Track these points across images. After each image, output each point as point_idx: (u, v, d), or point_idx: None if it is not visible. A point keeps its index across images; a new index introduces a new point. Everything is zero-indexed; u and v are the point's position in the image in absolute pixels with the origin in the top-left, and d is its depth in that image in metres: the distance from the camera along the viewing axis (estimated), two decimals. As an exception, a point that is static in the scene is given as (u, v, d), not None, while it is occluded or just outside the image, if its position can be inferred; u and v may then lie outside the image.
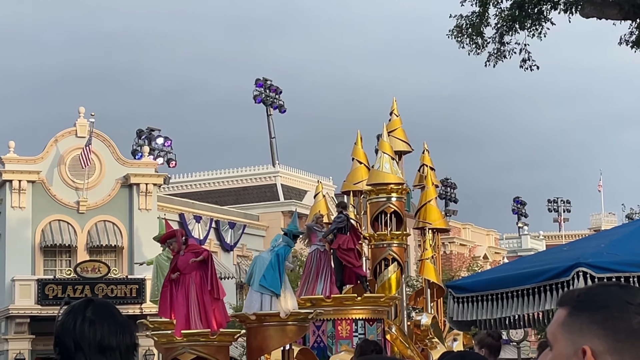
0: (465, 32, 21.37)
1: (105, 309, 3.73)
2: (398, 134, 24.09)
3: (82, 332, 3.59)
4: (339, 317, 20.30)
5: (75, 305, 3.75)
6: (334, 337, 20.26)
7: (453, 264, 65.34)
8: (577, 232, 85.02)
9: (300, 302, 19.76)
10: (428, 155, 24.89)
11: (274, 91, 58.61)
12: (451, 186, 74.56)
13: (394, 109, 24.40)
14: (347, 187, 23.74)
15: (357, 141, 23.66)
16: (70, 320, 3.65)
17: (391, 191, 22.22)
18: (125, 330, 3.68)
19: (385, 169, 22.27)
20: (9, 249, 41.47)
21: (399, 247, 22.26)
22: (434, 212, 23.93)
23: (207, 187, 58.80)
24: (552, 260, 9.45)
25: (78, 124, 43.55)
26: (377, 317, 20.66)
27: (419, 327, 21.66)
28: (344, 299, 20.39)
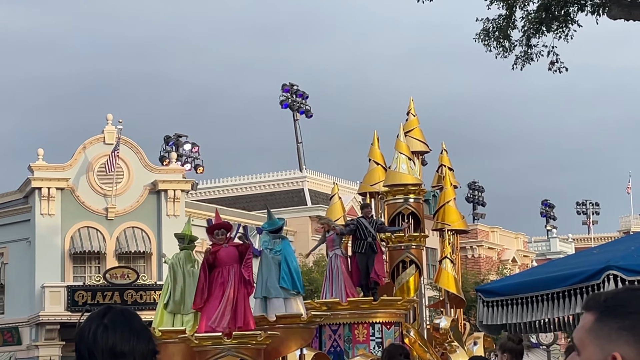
0: (492, 36, 21.32)
1: (122, 316, 3.74)
2: (415, 134, 23.76)
3: (95, 339, 3.62)
4: (356, 321, 19.97)
5: (94, 313, 3.78)
6: (350, 341, 19.91)
7: (482, 267, 65.14)
8: (606, 235, 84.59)
9: (315, 306, 19.71)
10: (446, 156, 24.47)
11: (301, 96, 58.70)
12: (479, 190, 74.36)
13: (411, 109, 24.11)
14: (364, 189, 23.48)
15: (374, 142, 23.30)
16: (86, 328, 3.68)
17: (408, 192, 21.92)
18: (140, 337, 3.68)
19: (402, 169, 21.99)
20: (39, 256, 41.72)
21: (417, 249, 21.98)
22: (453, 213, 23.35)
23: (235, 192, 58.92)
24: (581, 263, 9.40)
25: (106, 130, 43.76)
26: (394, 320, 20.32)
27: (438, 331, 21.34)
28: (360, 302, 20.04)
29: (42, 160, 42.87)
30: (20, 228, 42.88)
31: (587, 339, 2.43)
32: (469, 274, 55.43)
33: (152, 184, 43.65)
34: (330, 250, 20.56)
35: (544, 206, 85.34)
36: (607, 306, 2.42)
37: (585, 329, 2.44)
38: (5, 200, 44.75)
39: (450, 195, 23.23)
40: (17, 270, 42.64)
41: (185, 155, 52.33)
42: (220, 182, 60.39)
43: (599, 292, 2.56)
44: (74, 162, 43.09)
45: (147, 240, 43.00)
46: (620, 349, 2.32)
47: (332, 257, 20.48)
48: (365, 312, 19.93)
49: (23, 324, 42.47)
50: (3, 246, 43.74)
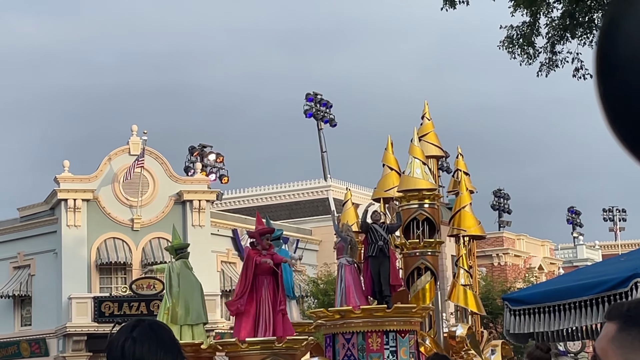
0: (517, 43, 21.22)
1: (149, 328, 3.78)
2: (430, 139, 23.18)
3: (122, 351, 3.66)
4: (369, 330, 19.40)
5: (124, 326, 3.81)
6: (364, 350, 19.38)
7: (508, 275, 64.88)
8: (634, 242, 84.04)
9: (328, 314, 19.49)
10: (462, 160, 23.74)
11: (325, 105, 58.73)
12: (504, 197, 74.14)
13: (426, 113, 23.56)
14: (378, 194, 22.81)
15: (388, 147, 22.72)
16: (116, 340, 3.72)
17: (423, 197, 21.41)
18: (168, 350, 3.72)
19: (416, 174, 21.44)
20: (65, 268, 41.89)
21: (432, 256, 21.46)
22: (469, 219, 22.71)
23: (260, 202, 58.96)
24: (609, 271, 9.33)
25: (131, 142, 43.93)
26: (409, 328, 19.76)
27: (454, 339, 20.78)
28: (374, 310, 19.47)
29: (68, 171, 43.07)
30: (47, 240, 43.10)
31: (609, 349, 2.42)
32: (495, 282, 55.24)
33: (177, 195, 43.77)
34: (337, 259, 20.34)
35: (571, 213, 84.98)
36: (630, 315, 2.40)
37: (607, 338, 2.42)
38: (31, 212, 45.00)
39: (466, 200, 22.65)
40: (44, 282, 42.84)
41: (210, 165, 52.45)
42: (245, 192, 60.47)
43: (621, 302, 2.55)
44: (99, 173, 43.28)
45: (173, 251, 43.07)
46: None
47: (339, 265, 20.23)
48: (379, 321, 19.43)
49: (50, 336, 42.64)
50: (30, 258, 43.96)
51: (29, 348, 43.38)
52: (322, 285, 45.61)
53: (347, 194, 23.94)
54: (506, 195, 74.37)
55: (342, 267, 20.02)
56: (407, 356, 19.34)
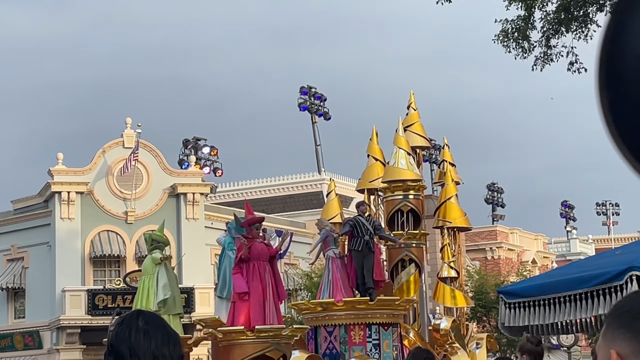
0: (511, 37, 21.24)
1: (156, 320, 3.80)
2: (416, 129, 22.82)
3: (137, 342, 3.66)
4: (352, 322, 19.06)
5: (127, 316, 3.81)
6: (346, 343, 18.99)
7: (501, 269, 64.97)
8: (627, 236, 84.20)
9: (310, 307, 19.18)
10: (448, 151, 23.45)
11: (319, 99, 58.72)
12: (498, 191, 74.20)
13: (412, 103, 23.14)
14: (362, 185, 22.47)
15: (373, 137, 22.40)
16: (125, 330, 3.71)
17: (408, 188, 21.04)
18: (176, 342, 3.75)
19: (401, 164, 21.08)
20: (59, 260, 41.86)
21: (417, 248, 21.12)
22: (455, 210, 22.30)
23: (254, 195, 58.97)
24: (604, 264, 9.37)
25: (125, 134, 43.89)
26: (392, 321, 19.40)
27: (439, 332, 20.40)
28: (356, 302, 19.09)
29: (62, 164, 43.02)
30: (41, 232, 43.07)
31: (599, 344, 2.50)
32: (489, 276, 55.29)
33: (171, 188, 43.75)
34: (326, 251, 20.00)
35: (564, 207, 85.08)
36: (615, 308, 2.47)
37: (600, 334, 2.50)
38: (25, 204, 44.95)
39: (452, 192, 22.32)
40: (38, 275, 42.82)
41: (204, 158, 52.43)
42: (239, 185, 60.48)
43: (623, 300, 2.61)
44: (93, 166, 43.24)
45: (167, 244, 43.06)
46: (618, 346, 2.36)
47: (327, 258, 19.91)
48: (362, 313, 19.08)
49: (44, 328, 42.63)
50: (23, 250, 43.93)
51: (22, 340, 43.37)
52: (316, 279, 45.62)
53: (330, 184, 23.52)
54: (500, 189, 74.43)
55: (329, 260, 19.79)
56: (390, 349, 19.03)
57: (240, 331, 16.51)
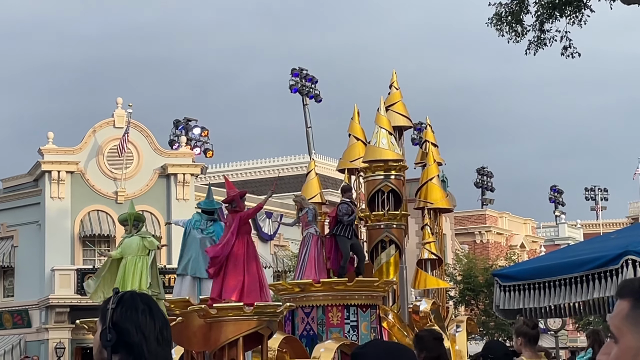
0: (505, 20, 21.24)
1: (153, 302, 3.82)
2: (398, 108, 22.22)
3: (144, 321, 3.67)
4: (330, 304, 18.49)
5: (126, 296, 3.81)
6: (324, 324, 18.49)
7: (490, 253, 65.18)
8: (615, 221, 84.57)
9: (288, 287, 18.71)
10: (431, 131, 22.95)
11: (310, 81, 58.66)
12: (488, 175, 74.35)
13: (394, 82, 22.56)
14: (343, 165, 22.03)
15: (354, 116, 22.03)
16: (129, 309, 3.71)
17: (389, 168, 20.52)
18: (169, 326, 3.79)
19: (382, 144, 20.52)
20: (49, 239, 41.82)
21: (397, 229, 20.54)
22: (436, 191, 21.81)
23: (244, 177, 58.97)
24: (600, 248, 9.39)
25: (116, 114, 43.80)
26: (371, 302, 18.87)
27: (418, 314, 19.96)
28: (334, 283, 18.59)
29: (52, 143, 42.92)
30: (30, 211, 43.00)
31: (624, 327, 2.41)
32: (478, 260, 55.47)
33: (162, 168, 43.70)
34: (305, 229, 19.42)
35: (553, 192, 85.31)
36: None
37: (621, 316, 2.41)
38: (15, 183, 44.86)
39: (434, 172, 21.82)
40: (27, 253, 42.76)
41: (195, 139, 52.38)
42: (229, 167, 60.46)
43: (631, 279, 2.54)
44: (84, 145, 43.15)
45: (157, 224, 43.05)
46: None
47: (306, 236, 19.31)
48: (340, 294, 18.55)
49: (33, 307, 42.62)
50: (13, 229, 43.86)
51: (11, 319, 43.34)
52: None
53: (310, 164, 22.85)
54: (489, 173, 74.58)
55: (310, 237, 19.25)
56: (368, 331, 18.65)
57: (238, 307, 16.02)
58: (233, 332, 15.78)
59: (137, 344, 3.65)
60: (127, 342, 3.66)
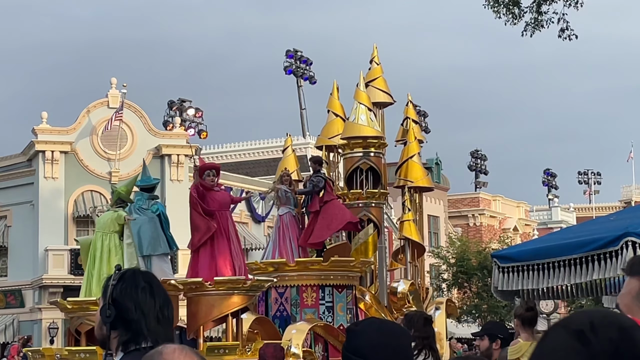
0: (502, 2, 21.15)
1: (156, 280, 3.81)
2: (378, 84, 21.50)
3: (143, 299, 3.66)
4: (304, 284, 17.81)
5: (128, 273, 3.80)
6: (298, 305, 17.84)
7: (483, 236, 65.29)
8: (608, 204, 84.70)
9: (261, 267, 17.99)
10: (412, 108, 22.22)
11: (305, 62, 58.57)
12: (481, 158, 74.40)
13: (375, 57, 21.87)
14: (321, 142, 21.35)
15: (333, 92, 21.39)
16: (130, 286, 3.70)
17: (368, 145, 19.90)
18: (171, 305, 3.78)
19: (361, 120, 19.83)
20: (42, 219, 41.75)
21: (376, 208, 19.97)
22: (417, 170, 21.09)
23: (238, 158, 58.91)
24: (599, 230, 9.39)
25: (110, 94, 43.68)
26: (347, 283, 18.16)
27: (396, 295, 19.34)
28: (309, 262, 17.91)
29: (46, 123, 42.82)
30: (24, 191, 42.91)
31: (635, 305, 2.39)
32: (471, 243, 55.60)
33: (156, 149, 43.63)
34: (284, 207, 18.81)
35: (546, 175, 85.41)
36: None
37: (632, 294, 2.38)
38: (8, 163, 44.74)
39: (414, 150, 21.09)
40: (21, 233, 42.70)
41: (189, 120, 52.31)
42: (223, 148, 60.39)
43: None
44: (77, 125, 43.04)
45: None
46: None
47: (285, 214, 18.73)
48: (315, 274, 17.85)
49: (26, 287, 42.58)
50: (6, 209, 43.77)
51: (4, 299, 43.32)
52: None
53: (287, 140, 22.15)
54: (483, 156, 74.63)
55: (288, 216, 18.77)
56: (343, 312, 18.05)
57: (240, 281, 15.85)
58: (228, 307, 15.67)
59: (136, 321, 3.64)
60: (126, 318, 3.66)
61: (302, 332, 16.33)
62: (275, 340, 16.49)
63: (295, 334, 16.20)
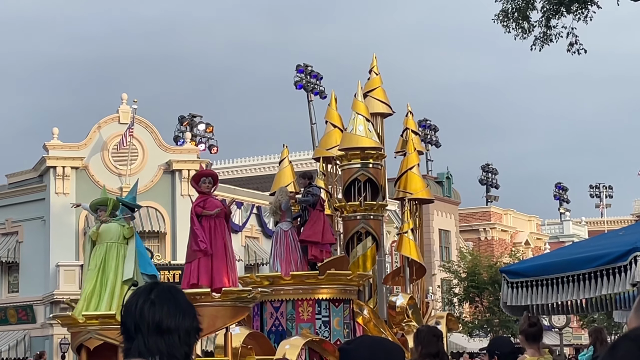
0: (512, 17, 21.20)
1: (168, 292, 3.80)
2: (377, 94, 21.25)
3: (142, 313, 3.66)
4: (300, 298, 17.42)
5: (141, 288, 3.82)
6: (293, 319, 17.43)
7: (494, 250, 65.14)
8: (620, 218, 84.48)
9: (257, 281, 17.63)
10: (412, 119, 21.80)
11: (315, 77, 58.59)
12: (492, 172, 74.28)
13: (374, 67, 21.57)
14: (319, 153, 21.15)
15: (331, 102, 21.25)
16: (133, 302, 3.72)
17: (366, 157, 19.61)
18: (186, 314, 3.74)
19: (359, 131, 19.56)
20: (54, 235, 41.82)
21: (374, 220, 19.66)
22: (416, 181, 20.72)
23: (248, 173, 58.95)
24: (607, 245, 9.37)
25: (121, 110, 43.80)
26: (344, 297, 17.76)
27: (394, 309, 18.98)
28: (305, 276, 17.52)
29: (57, 139, 42.94)
30: (35, 207, 43.02)
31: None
32: (482, 257, 55.45)
33: (167, 164, 43.71)
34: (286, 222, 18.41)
35: (558, 189, 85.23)
36: None
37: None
38: (20, 179, 44.88)
39: (414, 161, 20.78)
40: (32, 249, 42.79)
41: (200, 135, 52.39)
42: (234, 163, 60.43)
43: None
44: (88, 141, 43.16)
45: (162, 220, 43.07)
46: None
47: (289, 230, 18.30)
48: (311, 288, 17.45)
49: (37, 303, 42.64)
50: (18, 225, 43.88)
51: (16, 314, 43.38)
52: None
53: (283, 151, 21.74)
54: (494, 170, 74.53)
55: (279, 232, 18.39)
56: (340, 327, 17.62)
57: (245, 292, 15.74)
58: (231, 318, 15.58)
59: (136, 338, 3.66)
60: (130, 336, 3.68)
61: (296, 348, 16.08)
62: (270, 356, 16.30)
63: (289, 350, 15.98)
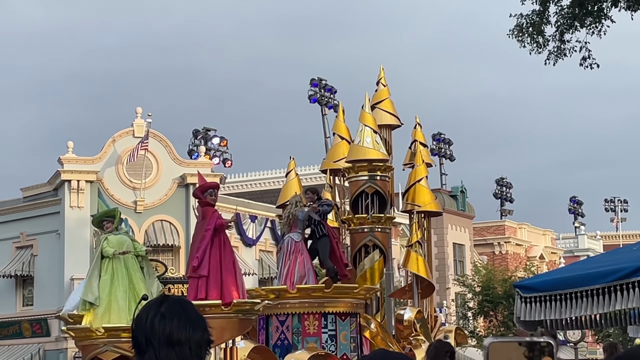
0: (526, 31, 21.22)
1: (178, 305, 3.81)
2: (385, 106, 21.25)
3: (152, 326, 3.68)
4: (306, 311, 17.17)
5: (151, 302, 3.84)
6: (299, 333, 17.18)
7: (509, 264, 64.97)
8: (635, 232, 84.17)
9: (262, 294, 17.40)
10: (420, 131, 21.70)
11: (329, 91, 58.62)
12: (507, 186, 74.16)
13: (382, 78, 21.55)
14: (326, 165, 21.13)
15: (339, 115, 21.34)
16: (144, 315, 3.74)
17: (373, 169, 19.44)
18: (197, 326, 3.75)
19: (366, 143, 19.42)
20: (68, 249, 41.90)
21: (382, 233, 19.44)
22: (424, 194, 20.57)
23: (263, 186, 59.02)
24: (622, 259, 9.35)
25: (135, 124, 43.90)
26: (351, 310, 17.54)
27: (402, 323, 18.80)
28: (311, 290, 17.28)
29: (72, 153, 43.05)
30: (50, 220, 43.11)
31: None
32: (497, 271, 55.30)
33: (181, 178, 43.77)
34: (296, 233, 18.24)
35: (572, 203, 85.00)
36: None
37: None
38: (34, 192, 44.99)
39: (422, 174, 20.66)
40: (47, 263, 42.87)
41: (214, 149, 52.47)
42: (248, 176, 60.54)
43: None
44: (103, 155, 43.26)
45: (176, 234, 43.12)
46: None
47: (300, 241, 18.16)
48: (317, 301, 17.21)
49: (52, 316, 42.63)
50: (32, 238, 43.99)
51: (30, 328, 43.44)
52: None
53: (290, 163, 21.47)
54: (509, 183, 74.40)
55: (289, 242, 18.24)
56: (347, 341, 17.41)
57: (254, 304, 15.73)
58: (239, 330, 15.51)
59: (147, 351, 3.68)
60: (141, 349, 3.70)
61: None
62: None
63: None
